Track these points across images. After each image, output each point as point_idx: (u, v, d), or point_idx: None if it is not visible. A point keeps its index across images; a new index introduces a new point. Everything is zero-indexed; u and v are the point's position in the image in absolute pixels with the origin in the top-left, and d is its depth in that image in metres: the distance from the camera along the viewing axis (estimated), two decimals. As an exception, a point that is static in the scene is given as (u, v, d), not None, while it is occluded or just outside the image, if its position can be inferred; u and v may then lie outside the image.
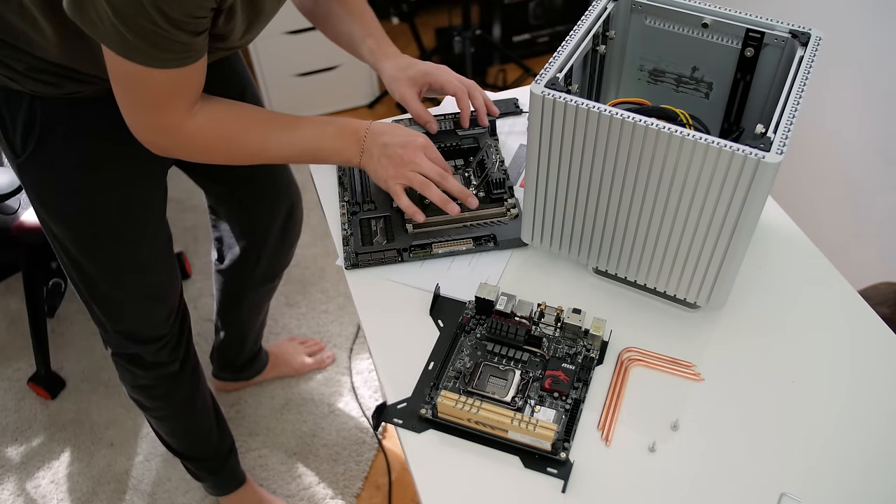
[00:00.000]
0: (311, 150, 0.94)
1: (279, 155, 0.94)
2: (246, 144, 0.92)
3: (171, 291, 1.17)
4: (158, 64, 0.77)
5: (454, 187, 0.95)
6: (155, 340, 1.18)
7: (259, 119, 0.92)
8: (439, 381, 0.84)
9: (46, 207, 1.01)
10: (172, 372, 1.23)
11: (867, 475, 0.77)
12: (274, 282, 1.49)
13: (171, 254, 1.16)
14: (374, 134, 0.93)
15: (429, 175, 0.93)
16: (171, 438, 1.37)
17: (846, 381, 0.85)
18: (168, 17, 0.71)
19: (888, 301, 1.23)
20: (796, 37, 0.82)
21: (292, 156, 0.94)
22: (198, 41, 0.78)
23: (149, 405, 1.28)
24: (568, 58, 0.82)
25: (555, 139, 0.79)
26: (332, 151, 0.94)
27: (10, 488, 1.63)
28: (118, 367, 1.23)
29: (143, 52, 0.75)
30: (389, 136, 0.93)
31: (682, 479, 0.77)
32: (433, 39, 2.74)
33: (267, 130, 0.92)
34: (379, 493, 1.62)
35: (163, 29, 0.72)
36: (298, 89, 2.44)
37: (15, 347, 1.89)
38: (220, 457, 1.43)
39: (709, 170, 0.72)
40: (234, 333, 1.59)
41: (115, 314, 1.13)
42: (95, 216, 1.02)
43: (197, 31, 0.76)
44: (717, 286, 0.82)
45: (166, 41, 0.74)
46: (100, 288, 1.09)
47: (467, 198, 0.96)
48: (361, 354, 1.87)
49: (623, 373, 0.85)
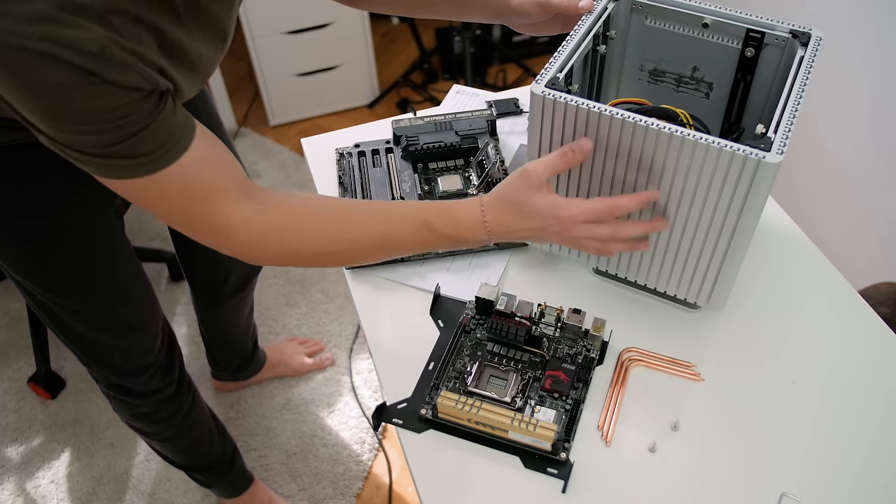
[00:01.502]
0: (415, 246, 0.81)
1: (376, 252, 0.81)
2: (339, 241, 0.78)
3: (152, 320, 1.13)
4: (141, 172, 0.66)
5: (634, 230, 0.79)
6: (143, 371, 1.15)
7: (347, 208, 0.79)
8: (439, 382, 0.84)
9: (2, 257, 0.96)
10: (169, 395, 1.22)
11: (867, 475, 0.77)
12: (246, 291, 1.47)
13: (145, 282, 1.11)
14: (501, 233, 0.78)
15: (600, 236, 0.77)
16: (177, 456, 1.37)
17: (846, 382, 0.85)
18: (94, 130, 0.62)
19: (888, 301, 1.23)
20: (797, 37, 0.82)
21: (390, 254, 0.82)
22: (166, 120, 0.66)
23: (150, 430, 1.27)
24: (568, 58, 0.81)
25: (555, 139, 0.79)
26: (456, 241, 0.80)
27: (10, 488, 1.63)
28: (112, 401, 1.21)
29: (126, 163, 0.65)
30: (521, 223, 0.77)
31: (682, 479, 0.77)
32: (433, 39, 2.74)
33: (361, 223, 0.78)
34: (379, 493, 1.62)
35: (107, 145, 0.63)
36: (298, 89, 2.44)
37: (15, 347, 1.89)
38: (226, 461, 1.43)
39: (709, 170, 0.72)
40: (218, 340, 1.58)
41: (97, 352, 1.10)
42: (52, 260, 0.96)
43: (142, 126, 0.64)
44: (718, 286, 0.82)
45: (118, 150, 0.64)
46: (76, 329, 1.05)
47: (658, 224, 0.79)
48: (361, 354, 1.87)
49: (623, 373, 0.85)
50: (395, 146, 1.11)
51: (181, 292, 2.00)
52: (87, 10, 0.58)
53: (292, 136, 2.47)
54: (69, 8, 0.57)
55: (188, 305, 1.97)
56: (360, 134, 1.16)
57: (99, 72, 0.59)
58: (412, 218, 0.78)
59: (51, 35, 0.56)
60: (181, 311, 1.96)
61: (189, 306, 1.97)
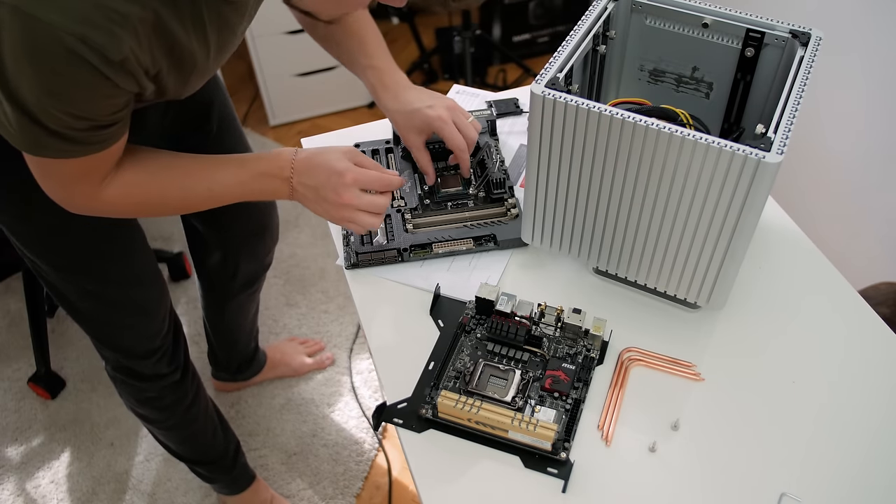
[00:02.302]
0: (237, 195, 0.88)
1: (205, 206, 0.89)
2: (167, 203, 0.88)
3: (160, 304, 1.15)
4: (72, 155, 0.73)
5: (394, 183, 0.89)
6: (151, 354, 1.16)
7: (177, 174, 0.86)
8: (439, 381, 0.84)
9: (16, 235, 0.99)
10: (174, 382, 1.23)
11: (867, 475, 0.77)
12: (254, 287, 1.47)
13: (156, 266, 1.13)
14: (300, 172, 0.87)
15: (368, 208, 0.87)
16: (181, 446, 1.37)
17: (846, 381, 0.85)
18: (79, 116, 0.69)
19: (888, 301, 1.23)
20: (796, 37, 0.82)
21: (220, 203, 0.89)
22: (115, 129, 0.75)
23: (155, 417, 1.28)
24: (568, 58, 0.81)
25: (555, 139, 0.79)
26: (261, 193, 0.89)
27: (10, 488, 1.63)
28: (118, 384, 1.22)
29: (56, 147, 0.72)
30: (315, 177, 0.86)
31: (682, 479, 0.77)
32: (433, 39, 2.74)
33: (186, 185, 0.86)
34: (379, 493, 1.62)
35: (76, 129, 0.70)
36: (298, 89, 2.44)
37: (15, 347, 1.89)
38: (229, 455, 1.44)
39: (709, 170, 0.72)
40: (223, 338, 1.59)
41: (108, 332, 1.12)
42: (66, 241, 0.99)
43: (114, 121, 0.73)
44: (718, 286, 0.82)
45: (81, 135, 0.71)
46: (86, 308, 1.07)
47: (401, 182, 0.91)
48: (361, 354, 1.87)
49: (623, 373, 0.85)
50: (395, 146, 1.11)
51: (181, 292, 2.00)
52: (122, 17, 0.64)
53: (292, 136, 2.47)
54: (108, 13, 0.63)
55: (188, 305, 1.97)
56: (360, 134, 1.16)
57: (112, 77, 0.67)
58: (236, 164, 0.87)
59: (85, 37, 0.62)
60: (182, 311, 1.96)
61: (189, 306, 1.97)
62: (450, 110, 1.00)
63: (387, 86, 1.01)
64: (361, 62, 1.02)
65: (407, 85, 1.02)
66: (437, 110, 0.99)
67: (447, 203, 1.03)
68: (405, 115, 1.01)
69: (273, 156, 0.88)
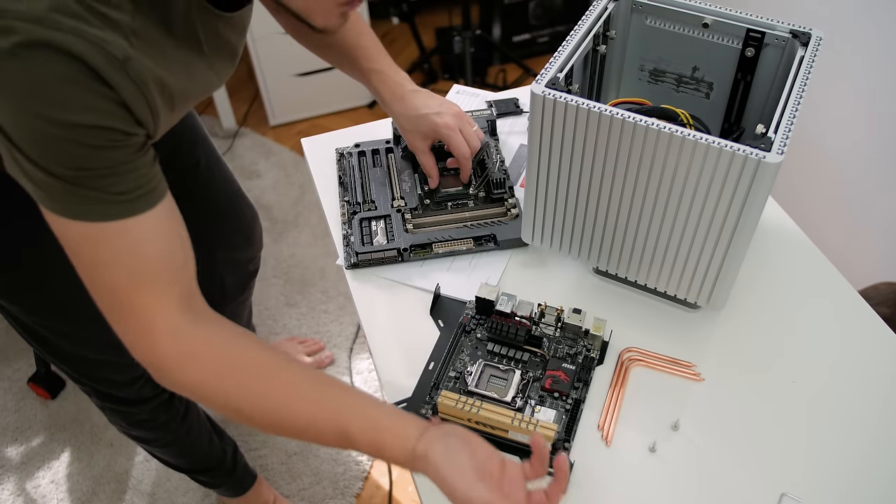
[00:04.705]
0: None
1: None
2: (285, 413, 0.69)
3: None
4: (92, 214, 0.60)
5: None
6: (133, 381, 1.14)
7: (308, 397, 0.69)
8: (439, 382, 0.84)
9: None
10: (163, 401, 1.22)
11: (867, 475, 0.77)
12: (244, 295, 1.46)
13: None
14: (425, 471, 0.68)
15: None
16: (180, 459, 1.36)
17: (846, 381, 0.85)
18: (74, 124, 0.57)
19: (888, 301, 1.23)
20: (797, 37, 0.82)
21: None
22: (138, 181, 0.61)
23: (150, 437, 1.27)
24: (568, 58, 0.81)
25: (555, 139, 0.79)
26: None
27: (10, 488, 1.63)
28: (108, 413, 1.21)
29: (93, 196, 0.59)
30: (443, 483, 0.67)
31: (682, 479, 0.77)
32: (433, 39, 2.74)
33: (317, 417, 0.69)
34: (379, 493, 1.62)
35: (78, 144, 0.58)
36: (298, 89, 2.44)
37: (15, 347, 1.89)
38: (228, 458, 1.43)
39: (709, 170, 0.72)
40: None
41: (88, 368, 1.10)
42: (38, 287, 0.95)
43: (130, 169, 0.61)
44: (718, 286, 0.82)
45: (92, 178, 0.59)
46: (63, 349, 1.05)
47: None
48: (361, 354, 1.87)
49: (623, 373, 0.85)
50: (395, 146, 1.11)
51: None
52: (115, 23, 0.59)
53: (292, 136, 2.47)
54: (99, 14, 0.58)
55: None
56: (360, 134, 1.16)
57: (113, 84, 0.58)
58: (337, 423, 0.68)
59: (78, 31, 0.56)
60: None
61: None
62: (456, 118, 1.00)
63: (391, 89, 1.01)
64: (363, 66, 1.01)
65: (412, 88, 1.01)
66: (445, 118, 0.99)
67: (447, 203, 1.03)
68: (412, 119, 1.00)
69: (395, 436, 0.69)
